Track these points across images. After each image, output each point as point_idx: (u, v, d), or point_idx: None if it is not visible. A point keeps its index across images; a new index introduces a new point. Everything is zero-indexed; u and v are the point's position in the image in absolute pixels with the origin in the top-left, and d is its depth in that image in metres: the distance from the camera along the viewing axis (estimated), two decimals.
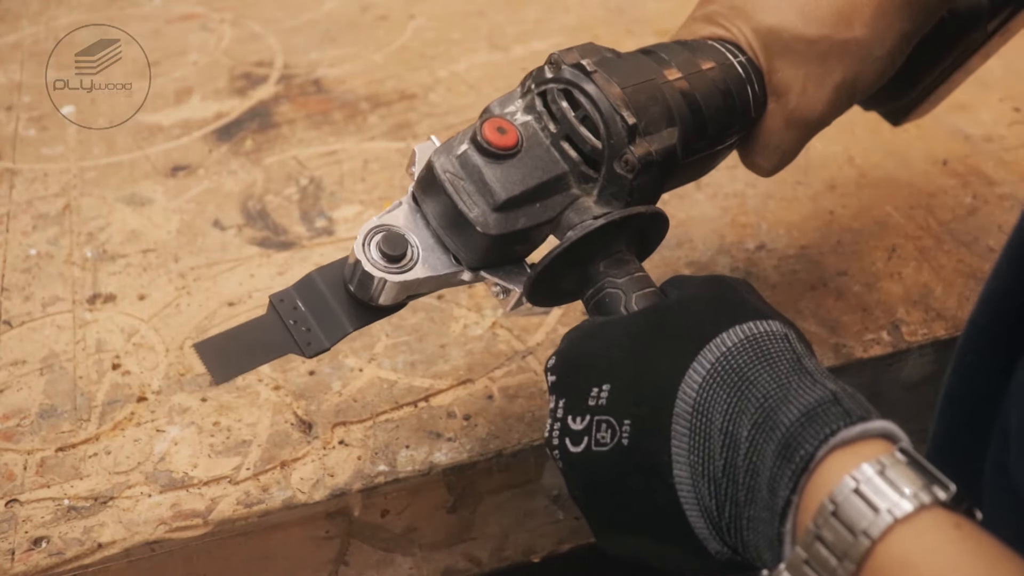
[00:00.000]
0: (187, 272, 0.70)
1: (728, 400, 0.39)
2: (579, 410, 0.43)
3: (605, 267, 0.49)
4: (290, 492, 0.54)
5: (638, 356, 0.43)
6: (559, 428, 0.44)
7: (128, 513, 0.53)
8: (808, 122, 0.54)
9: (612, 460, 0.42)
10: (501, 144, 0.48)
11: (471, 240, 0.48)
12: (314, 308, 0.49)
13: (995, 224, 0.73)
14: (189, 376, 0.61)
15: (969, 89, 0.89)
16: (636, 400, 0.42)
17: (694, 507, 0.40)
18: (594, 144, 0.49)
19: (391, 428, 0.58)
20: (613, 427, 0.42)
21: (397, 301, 0.50)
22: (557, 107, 0.49)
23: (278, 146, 0.83)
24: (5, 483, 0.54)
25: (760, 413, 0.38)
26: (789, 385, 0.39)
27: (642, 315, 0.45)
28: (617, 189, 0.49)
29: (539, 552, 0.61)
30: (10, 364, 0.62)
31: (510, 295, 0.50)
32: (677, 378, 0.41)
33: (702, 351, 0.41)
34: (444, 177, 0.48)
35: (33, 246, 0.72)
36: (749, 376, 0.40)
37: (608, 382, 0.43)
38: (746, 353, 0.41)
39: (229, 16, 1.05)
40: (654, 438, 0.41)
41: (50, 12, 1.06)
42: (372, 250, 0.48)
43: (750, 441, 0.38)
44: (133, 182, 0.79)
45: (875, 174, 0.79)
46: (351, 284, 0.49)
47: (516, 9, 1.04)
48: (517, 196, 0.48)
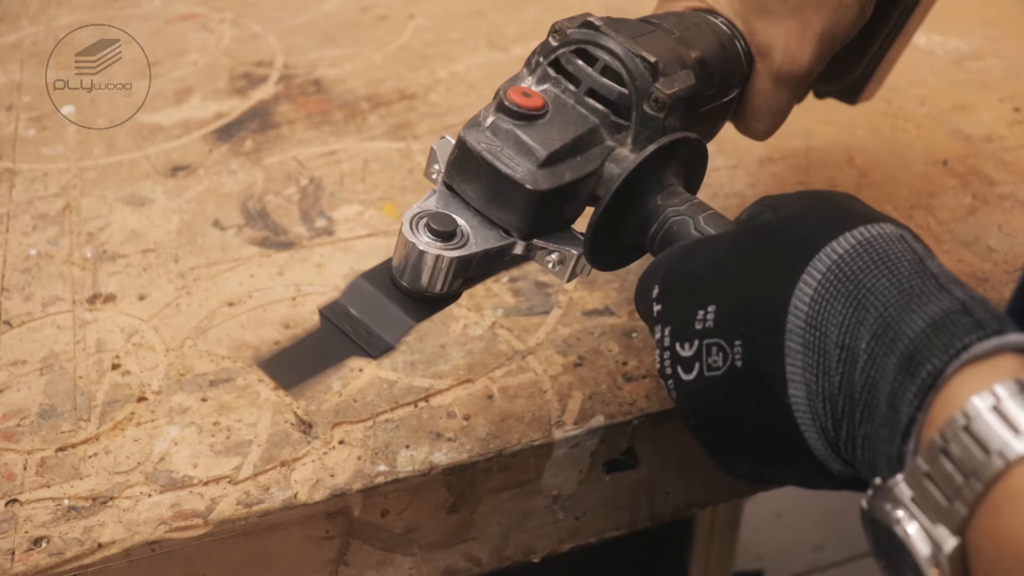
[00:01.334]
0: (187, 272, 0.70)
1: (844, 311, 0.37)
2: (687, 335, 0.42)
3: (663, 200, 0.49)
4: (290, 492, 0.54)
5: (742, 274, 0.41)
6: (669, 357, 0.43)
7: (128, 513, 0.53)
8: (796, 77, 0.54)
9: (727, 384, 0.40)
10: (529, 105, 0.48)
11: (520, 203, 0.47)
12: (368, 312, 0.48)
13: (995, 224, 0.73)
14: (189, 376, 0.61)
15: (969, 89, 0.89)
16: (745, 319, 0.40)
17: (811, 427, 0.38)
18: (620, 91, 0.49)
19: (391, 428, 0.58)
20: (724, 349, 0.40)
21: (452, 289, 0.49)
22: (573, 66, 0.49)
23: (278, 146, 0.83)
24: (5, 483, 0.54)
25: (880, 323, 0.36)
26: (912, 291, 0.36)
27: (741, 231, 0.44)
28: (651, 131, 0.49)
29: (539, 552, 0.61)
30: (10, 364, 0.62)
31: (566, 263, 0.49)
32: (787, 292, 0.39)
33: (812, 261, 0.38)
34: (480, 148, 0.47)
35: (33, 246, 0.72)
36: (866, 283, 0.37)
37: (713, 303, 0.41)
38: (861, 258, 0.38)
39: (229, 16, 1.05)
40: (767, 357, 0.39)
41: (50, 12, 1.06)
42: (422, 234, 0.47)
43: (868, 354, 0.36)
44: (133, 182, 0.79)
45: (875, 174, 0.79)
46: (403, 278, 0.48)
47: (516, 9, 1.04)
48: (558, 150, 0.47)
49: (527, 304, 0.66)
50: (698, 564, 1.08)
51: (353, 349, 0.48)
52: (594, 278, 0.68)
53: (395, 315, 0.48)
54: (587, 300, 0.66)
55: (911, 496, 0.34)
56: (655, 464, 0.60)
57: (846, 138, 0.83)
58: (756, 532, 1.57)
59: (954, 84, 0.90)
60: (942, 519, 0.33)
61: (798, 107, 0.87)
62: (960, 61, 0.93)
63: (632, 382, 0.60)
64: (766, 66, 0.54)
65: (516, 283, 0.68)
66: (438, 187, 0.50)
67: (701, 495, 0.64)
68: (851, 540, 1.67)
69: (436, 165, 0.51)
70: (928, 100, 0.88)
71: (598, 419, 0.58)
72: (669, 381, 0.43)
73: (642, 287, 0.47)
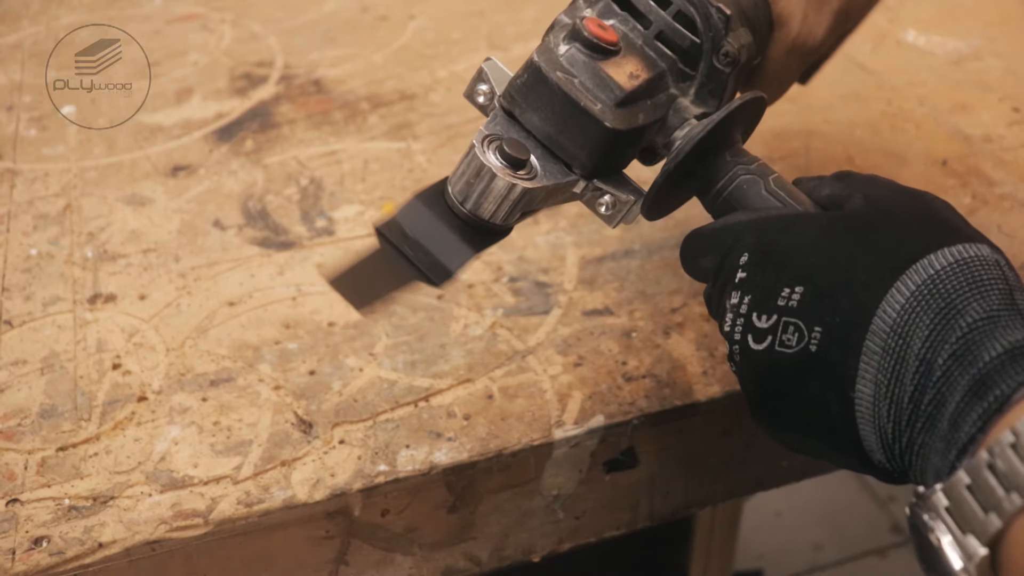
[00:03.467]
0: (187, 272, 0.70)
1: (931, 326, 0.38)
2: (766, 308, 0.42)
3: (731, 156, 0.48)
4: (290, 492, 0.54)
5: (837, 264, 0.42)
6: (742, 323, 0.43)
7: (129, 513, 0.53)
8: (809, 49, 0.55)
9: (795, 363, 0.41)
10: (607, 39, 0.46)
11: (592, 139, 0.46)
12: (426, 234, 0.46)
13: (995, 224, 0.73)
14: (190, 376, 0.61)
15: (969, 89, 0.89)
16: (831, 308, 0.41)
17: (868, 423, 0.40)
18: (693, 39, 0.48)
19: (391, 428, 0.58)
20: (801, 331, 0.41)
21: (511, 220, 0.47)
22: (645, 5, 0.48)
23: (278, 146, 0.83)
24: (6, 483, 0.54)
25: (961, 344, 0.37)
26: (998, 319, 0.37)
27: (844, 218, 0.44)
28: (715, 85, 0.48)
29: (539, 552, 0.61)
30: (11, 364, 0.62)
31: (619, 208, 0.48)
32: (879, 294, 0.40)
33: (908, 271, 0.39)
34: (556, 76, 0.45)
35: (34, 246, 0.72)
36: (957, 304, 0.38)
37: (802, 284, 0.42)
38: (956, 278, 0.39)
39: (229, 16, 1.05)
40: (844, 350, 0.40)
41: (51, 12, 1.06)
42: (492, 158, 0.45)
43: (944, 370, 0.37)
44: (133, 182, 0.79)
45: (875, 174, 0.79)
46: (466, 202, 0.46)
47: (516, 9, 1.04)
48: (636, 89, 0.46)
49: (527, 304, 0.66)
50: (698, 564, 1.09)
51: (416, 274, 0.46)
52: (594, 278, 0.68)
53: (454, 243, 0.46)
54: (587, 300, 0.66)
55: (946, 506, 0.35)
56: (655, 464, 0.60)
57: (846, 138, 0.83)
58: (756, 532, 1.57)
59: (954, 84, 0.90)
60: (974, 529, 0.34)
61: (798, 107, 0.87)
62: (960, 61, 0.94)
63: (632, 382, 0.60)
64: (783, 35, 0.54)
65: (516, 283, 0.68)
66: (496, 111, 0.48)
67: (701, 495, 0.64)
68: (851, 540, 1.67)
69: (483, 86, 0.48)
70: (928, 100, 0.88)
71: (598, 419, 0.58)
72: (735, 346, 0.44)
73: (714, 244, 0.47)
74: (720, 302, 0.46)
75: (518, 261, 0.70)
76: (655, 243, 0.71)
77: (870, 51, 0.95)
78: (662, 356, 0.62)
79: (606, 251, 0.71)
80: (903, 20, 1.00)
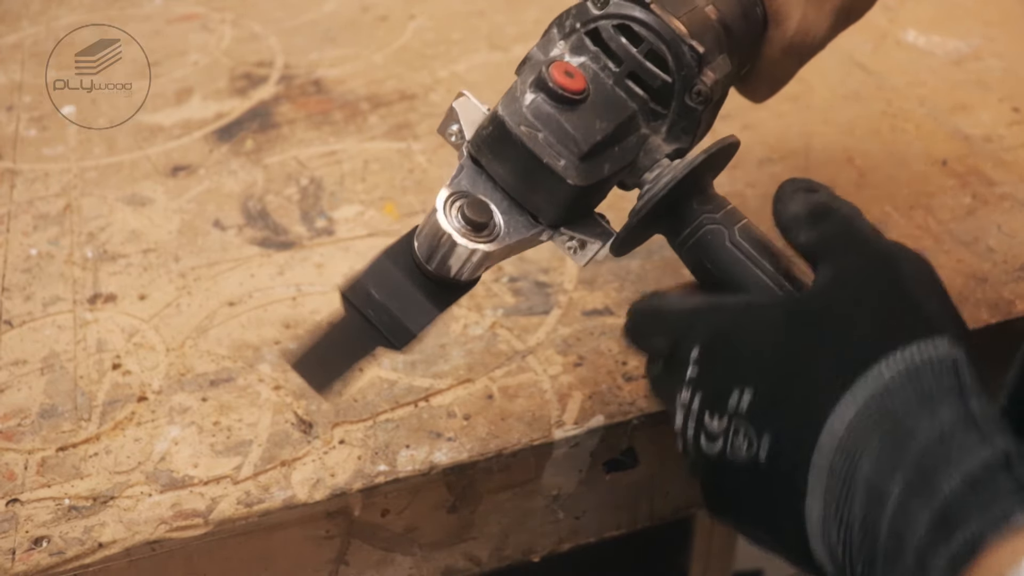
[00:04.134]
0: (187, 272, 0.70)
1: (880, 447, 0.35)
2: (718, 409, 0.41)
3: (698, 204, 0.48)
4: (290, 492, 0.54)
5: (790, 361, 0.40)
6: (694, 423, 0.42)
7: (129, 513, 0.53)
8: (807, 49, 0.53)
9: (747, 471, 0.40)
10: (573, 88, 0.45)
11: (556, 195, 0.45)
12: (391, 295, 0.46)
13: (995, 224, 0.73)
14: (190, 376, 0.61)
15: (969, 89, 0.89)
16: (778, 416, 0.39)
17: (819, 541, 0.37)
18: (664, 79, 0.47)
19: (391, 428, 0.58)
20: (751, 438, 0.39)
21: (476, 275, 0.47)
22: (617, 44, 0.47)
23: (278, 146, 0.83)
24: (6, 483, 0.54)
25: (916, 472, 0.34)
26: (952, 438, 0.35)
27: (800, 312, 0.41)
28: (687, 123, 0.47)
29: (539, 552, 0.61)
30: (11, 364, 0.62)
31: (586, 248, 0.48)
32: (828, 407, 0.37)
33: (858, 381, 0.37)
34: (520, 132, 0.45)
35: (34, 246, 0.72)
36: (907, 424, 0.35)
37: (752, 385, 0.40)
38: (905, 391, 0.36)
39: (229, 16, 1.05)
40: (792, 463, 0.38)
41: (51, 12, 1.06)
42: (455, 220, 0.45)
43: (899, 503, 0.34)
44: (133, 182, 0.79)
45: (875, 174, 0.79)
46: (431, 263, 0.46)
47: (516, 9, 1.04)
48: (600, 142, 0.45)
49: (527, 304, 0.66)
50: (698, 564, 1.08)
51: (378, 339, 0.46)
52: (594, 278, 0.68)
53: (419, 302, 0.46)
54: (587, 300, 0.66)
55: None
56: (655, 464, 0.60)
57: (846, 138, 0.83)
58: None
59: (954, 84, 0.90)
60: None
61: (798, 107, 0.87)
62: (960, 61, 0.94)
63: (632, 382, 0.60)
64: (780, 33, 0.52)
65: (516, 283, 0.68)
66: (464, 161, 0.47)
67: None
68: None
69: (455, 125, 0.48)
70: (928, 100, 0.88)
71: (598, 419, 0.58)
72: (688, 445, 0.42)
73: (667, 327, 0.45)
74: (670, 394, 0.44)
75: (518, 261, 0.70)
76: (655, 243, 0.71)
77: (870, 51, 0.95)
78: None
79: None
80: (903, 20, 1.00)
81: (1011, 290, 0.67)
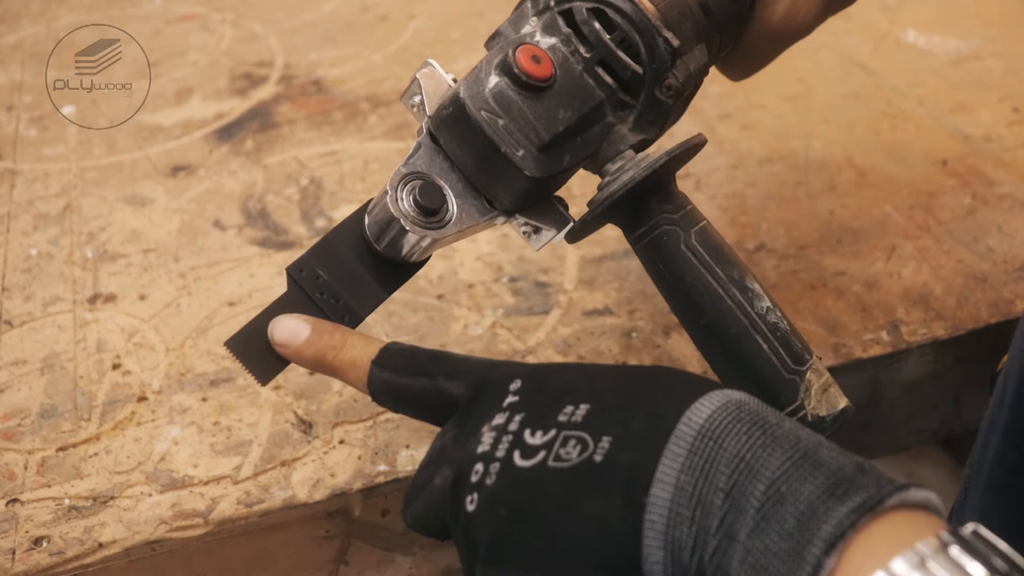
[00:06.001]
0: (187, 272, 0.70)
1: (748, 432, 0.35)
2: (543, 424, 0.39)
3: (657, 203, 0.47)
4: (290, 492, 0.54)
5: (629, 388, 0.39)
6: (509, 441, 0.39)
7: (129, 513, 0.53)
8: (792, 34, 0.52)
9: (570, 476, 0.37)
10: (539, 75, 0.44)
11: (513, 184, 0.44)
12: (338, 276, 0.46)
13: (995, 224, 0.73)
14: (189, 376, 0.61)
15: (968, 89, 0.89)
16: (623, 421, 0.37)
17: (658, 534, 0.35)
18: (635, 70, 0.46)
19: (391, 428, 0.58)
20: (585, 442, 0.37)
21: (427, 256, 0.46)
22: (590, 29, 0.46)
23: (278, 146, 0.83)
24: (6, 483, 0.54)
25: (795, 449, 0.34)
26: (820, 441, 0.35)
27: (623, 367, 0.42)
28: (655, 115, 0.46)
29: None
30: (11, 364, 0.62)
31: (541, 234, 0.47)
32: (679, 407, 0.37)
33: (707, 394, 0.37)
34: (480, 117, 0.43)
35: (34, 246, 0.72)
36: (771, 420, 0.36)
37: (588, 403, 0.39)
38: (760, 404, 0.37)
39: (229, 16, 1.05)
40: (641, 452, 0.36)
41: (51, 12, 1.06)
42: (406, 204, 0.44)
43: (783, 471, 0.33)
44: (134, 182, 0.79)
45: (875, 174, 0.79)
46: (379, 243, 0.45)
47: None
48: (562, 133, 0.44)
49: (527, 304, 0.66)
50: None
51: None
52: (594, 278, 0.68)
53: (367, 284, 0.46)
54: (587, 300, 0.66)
55: None
56: None
57: (846, 138, 0.83)
58: None
59: (954, 84, 0.90)
60: None
61: (798, 107, 0.87)
62: (959, 61, 0.94)
63: None
64: (765, 16, 0.51)
65: (516, 283, 0.68)
66: (423, 138, 0.46)
67: None
68: None
69: (417, 97, 0.47)
70: (928, 100, 0.88)
71: None
72: (492, 465, 0.39)
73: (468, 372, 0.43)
74: (471, 431, 0.41)
75: (518, 261, 0.70)
76: None
77: (870, 51, 0.95)
78: (662, 356, 0.62)
79: (606, 251, 0.71)
80: (903, 20, 1.00)
81: (1011, 290, 0.67)
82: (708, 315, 0.48)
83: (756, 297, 0.47)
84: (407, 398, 0.45)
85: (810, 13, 0.52)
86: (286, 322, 0.46)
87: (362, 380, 0.45)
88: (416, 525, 0.43)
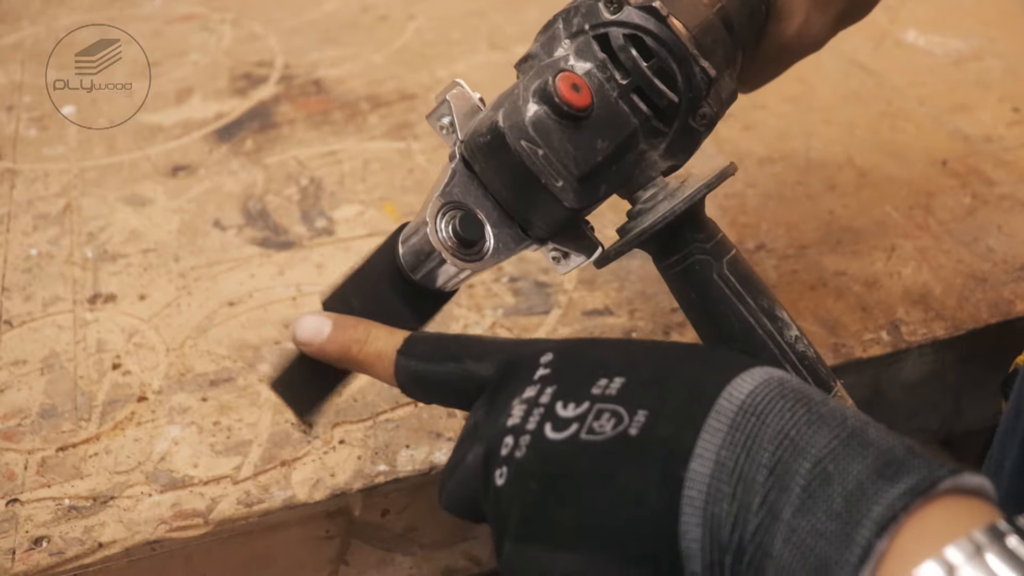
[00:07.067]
0: (187, 272, 0.70)
1: (792, 409, 0.34)
2: (575, 397, 0.38)
3: (690, 232, 0.47)
4: (290, 492, 0.54)
5: (666, 363, 0.38)
6: (540, 414, 0.38)
7: (129, 513, 0.53)
8: (804, 50, 0.53)
9: (604, 450, 0.36)
10: (579, 104, 0.43)
11: (551, 213, 0.44)
12: (372, 307, 0.45)
13: (994, 224, 0.73)
14: (189, 376, 0.61)
15: (968, 89, 0.89)
16: (660, 395, 0.36)
17: (697, 510, 0.34)
18: (671, 99, 0.45)
19: (391, 428, 0.58)
20: (619, 416, 0.36)
21: (459, 286, 0.46)
22: (627, 56, 0.45)
23: (278, 146, 0.83)
24: (6, 483, 0.54)
25: (843, 428, 0.33)
26: (868, 420, 0.34)
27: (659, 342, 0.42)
28: (687, 143, 0.46)
29: None
30: (11, 364, 0.62)
31: (570, 259, 0.47)
32: (719, 383, 0.36)
33: (748, 370, 0.36)
34: (520, 147, 0.43)
35: (34, 246, 0.72)
36: (815, 398, 0.35)
37: (623, 376, 0.38)
38: (802, 383, 0.36)
39: (229, 16, 1.05)
40: (679, 425, 0.35)
41: (51, 12, 1.06)
42: (443, 234, 0.44)
43: (830, 449, 0.32)
44: (134, 182, 0.79)
45: (875, 174, 0.79)
46: (416, 273, 0.45)
47: (516, 9, 1.04)
48: (600, 163, 0.44)
49: (527, 304, 0.66)
50: None
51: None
52: (594, 278, 0.68)
53: (400, 314, 0.46)
54: (587, 300, 0.66)
55: None
56: None
57: (846, 138, 0.83)
58: None
59: (953, 84, 0.90)
60: None
61: (798, 107, 0.87)
62: (959, 61, 0.94)
63: None
64: (780, 30, 0.51)
65: (516, 283, 0.68)
66: (456, 164, 0.45)
67: None
68: None
69: (447, 119, 0.46)
70: (928, 100, 0.88)
71: None
72: (523, 437, 0.38)
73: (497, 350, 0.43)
74: (501, 406, 0.40)
75: (518, 261, 0.70)
76: None
77: (870, 51, 0.95)
78: None
79: None
80: (903, 20, 1.00)
81: (1011, 290, 0.67)
82: (739, 342, 0.48)
83: (785, 326, 0.48)
84: (436, 385, 0.44)
85: (824, 29, 0.52)
86: (308, 320, 0.46)
87: (389, 372, 0.45)
88: (451, 507, 0.42)
